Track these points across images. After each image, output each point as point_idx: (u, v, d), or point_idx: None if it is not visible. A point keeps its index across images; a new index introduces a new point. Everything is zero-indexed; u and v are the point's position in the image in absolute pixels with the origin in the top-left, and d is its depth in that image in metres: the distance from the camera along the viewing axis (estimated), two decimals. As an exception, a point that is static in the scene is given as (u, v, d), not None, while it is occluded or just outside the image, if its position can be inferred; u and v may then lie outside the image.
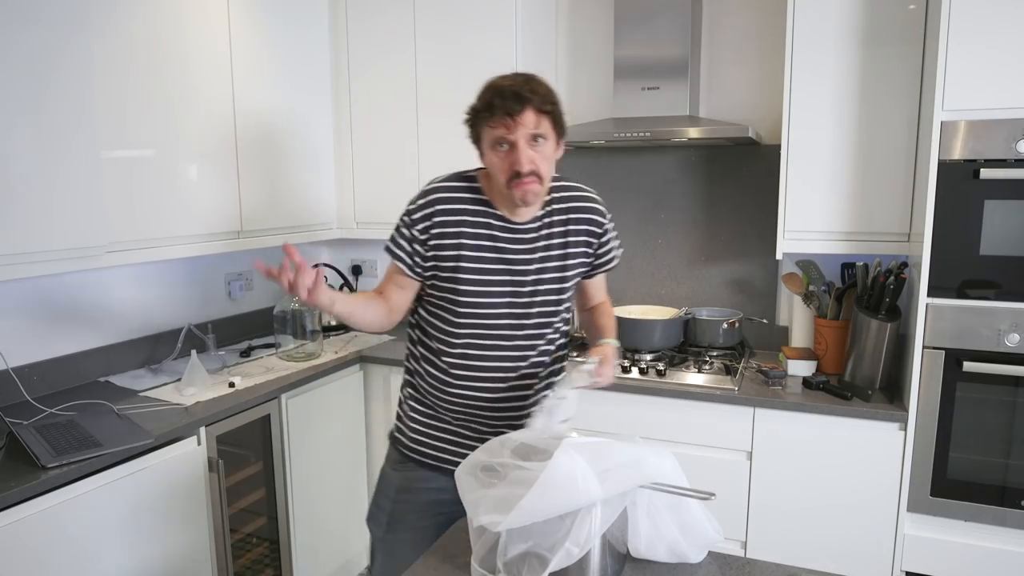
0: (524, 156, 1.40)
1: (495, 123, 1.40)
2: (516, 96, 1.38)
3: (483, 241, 1.51)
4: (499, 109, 1.39)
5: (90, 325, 2.30)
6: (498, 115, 1.39)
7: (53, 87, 1.78)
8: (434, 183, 1.55)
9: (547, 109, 1.41)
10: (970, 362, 1.90)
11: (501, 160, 1.43)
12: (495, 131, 1.41)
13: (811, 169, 2.23)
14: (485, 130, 1.44)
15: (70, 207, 1.84)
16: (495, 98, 1.40)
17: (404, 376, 1.70)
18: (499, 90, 1.40)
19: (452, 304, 1.53)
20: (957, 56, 1.84)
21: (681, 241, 2.76)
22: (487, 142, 1.45)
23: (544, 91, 1.42)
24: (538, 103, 1.40)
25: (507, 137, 1.40)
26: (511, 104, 1.38)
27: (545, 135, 1.42)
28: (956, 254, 1.89)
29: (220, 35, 2.32)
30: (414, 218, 1.51)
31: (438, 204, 1.51)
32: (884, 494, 2.04)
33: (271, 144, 2.57)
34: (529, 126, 1.40)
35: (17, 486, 1.53)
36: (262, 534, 2.32)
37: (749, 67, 2.58)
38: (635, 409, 2.27)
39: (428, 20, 2.66)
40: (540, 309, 1.56)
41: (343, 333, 2.97)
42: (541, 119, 1.41)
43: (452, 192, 1.53)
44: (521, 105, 1.38)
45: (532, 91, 1.39)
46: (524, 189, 1.42)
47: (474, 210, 1.52)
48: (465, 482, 1.11)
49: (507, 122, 1.39)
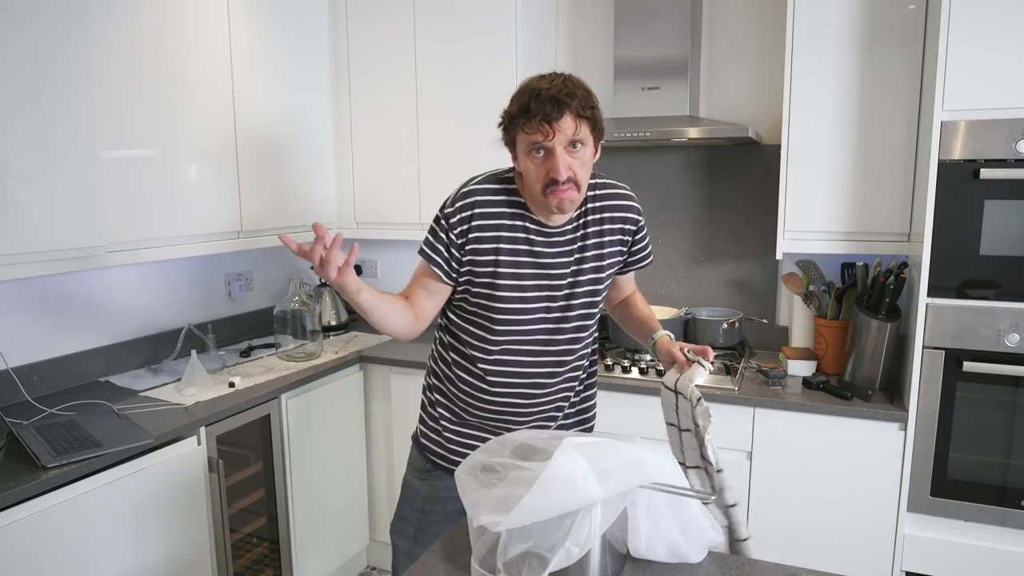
0: (562, 163, 1.34)
1: (531, 128, 1.34)
2: (554, 101, 1.32)
3: (520, 245, 1.46)
4: (536, 114, 1.32)
5: (90, 325, 2.30)
6: (535, 120, 1.33)
7: (53, 87, 1.78)
8: (471, 184, 1.48)
9: (587, 114, 1.35)
10: (970, 362, 1.90)
11: (537, 166, 1.37)
12: (531, 137, 1.35)
13: (811, 169, 2.23)
14: (520, 135, 1.37)
15: (70, 207, 1.84)
16: (532, 102, 1.33)
17: (430, 379, 1.65)
18: (536, 93, 1.33)
19: (488, 311, 1.49)
20: (957, 56, 1.84)
21: (681, 241, 2.76)
22: (523, 147, 1.38)
23: (583, 94, 1.36)
24: (577, 107, 1.34)
25: (544, 143, 1.34)
26: (549, 109, 1.32)
27: (584, 140, 1.36)
28: (956, 254, 1.89)
29: (220, 35, 2.32)
30: (451, 221, 1.44)
31: (477, 207, 1.45)
32: (884, 494, 2.04)
33: (271, 144, 2.57)
34: (567, 132, 1.34)
35: (17, 486, 1.53)
36: (262, 534, 2.32)
37: (749, 67, 2.58)
38: (635, 409, 2.27)
39: (428, 20, 2.66)
40: (578, 312, 1.52)
41: (343, 333, 2.97)
42: (580, 124, 1.35)
43: (490, 195, 1.46)
44: (560, 111, 1.32)
45: (570, 95, 1.33)
46: (560, 197, 1.37)
47: (511, 213, 1.46)
48: (465, 482, 1.11)
49: (544, 128, 1.33)
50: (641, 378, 2.31)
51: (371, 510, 2.79)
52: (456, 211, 1.45)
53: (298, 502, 2.39)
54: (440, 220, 1.46)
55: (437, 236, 1.47)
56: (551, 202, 1.38)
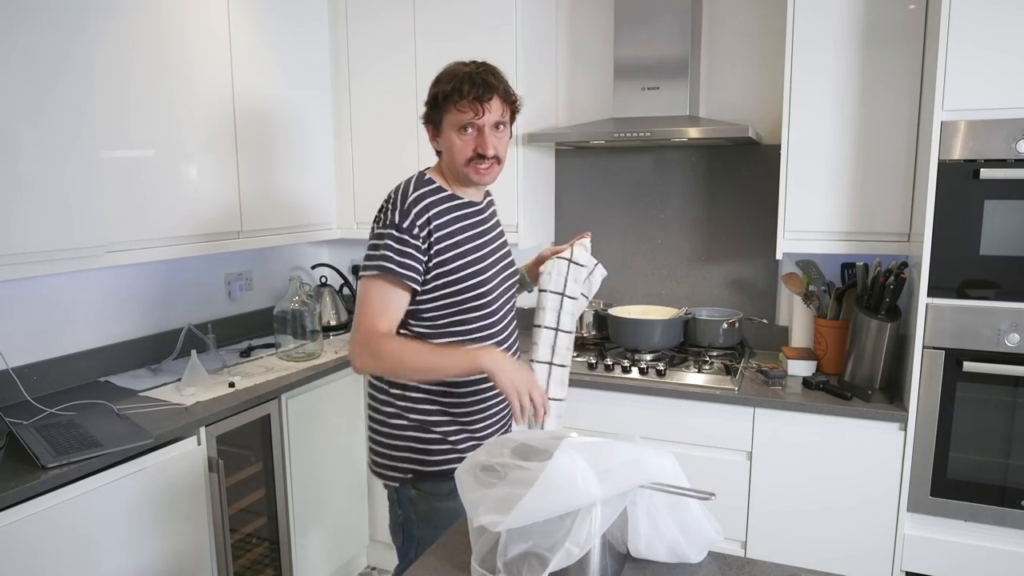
0: (490, 141, 1.49)
1: (464, 107, 1.46)
2: (485, 84, 1.46)
3: (470, 232, 1.56)
4: (468, 94, 1.45)
5: (90, 325, 2.30)
6: (468, 99, 1.45)
7: (53, 87, 1.78)
8: (410, 193, 1.51)
9: (510, 100, 1.52)
10: (970, 362, 1.90)
11: (464, 143, 1.50)
12: (463, 115, 1.47)
13: (811, 169, 2.23)
14: (452, 113, 1.49)
15: (70, 207, 1.84)
16: (465, 83, 1.45)
17: (403, 406, 1.57)
18: (468, 75, 1.46)
19: (473, 301, 1.54)
20: (957, 56, 1.84)
21: (681, 241, 2.76)
22: (452, 124, 1.50)
23: (506, 82, 1.52)
24: (503, 93, 1.50)
25: (475, 122, 1.48)
26: (481, 91, 1.45)
27: (506, 123, 1.53)
28: (956, 254, 1.89)
29: (220, 35, 2.32)
30: (413, 231, 1.47)
31: (432, 208, 1.51)
32: (884, 494, 2.04)
33: (271, 144, 2.57)
34: (496, 113, 1.49)
35: (17, 486, 1.53)
36: (262, 534, 2.32)
37: (749, 67, 2.58)
38: (635, 409, 2.27)
39: (428, 20, 2.66)
40: (511, 269, 1.70)
41: (343, 333, 2.97)
42: (505, 108, 1.51)
43: (431, 196, 1.53)
44: (490, 93, 1.47)
45: (498, 80, 1.49)
46: (486, 171, 1.52)
47: (451, 206, 1.55)
48: (465, 482, 1.11)
49: (476, 107, 1.46)
50: (641, 378, 2.31)
51: (371, 510, 2.79)
52: (415, 216, 1.48)
53: (298, 502, 2.39)
54: (394, 233, 1.47)
55: (397, 249, 1.47)
56: (473, 175, 1.52)
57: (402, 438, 1.59)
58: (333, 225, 2.95)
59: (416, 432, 1.58)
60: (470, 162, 1.51)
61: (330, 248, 3.32)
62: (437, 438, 1.58)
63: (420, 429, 1.58)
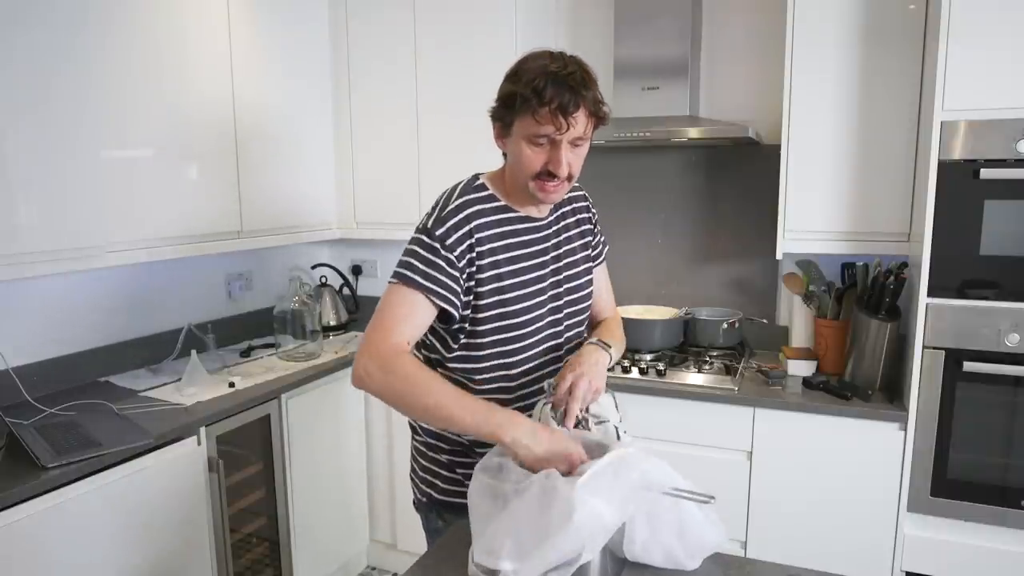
0: (565, 158, 1.24)
1: (543, 118, 1.21)
2: (573, 92, 1.20)
3: (515, 252, 1.35)
4: (552, 101, 1.19)
5: (90, 325, 2.30)
6: (550, 108, 1.19)
7: (53, 87, 1.78)
8: (453, 199, 1.31)
9: (599, 112, 1.26)
10: (970, 362, 1.90)
11: (534, 154, 1.25)
12: (540, 127, 1.22)
13: (811, 169, 2.23)
14: (526, 120, 1.23)
15: (70, 207, 1.84)
16: (548, 88, 1.19)
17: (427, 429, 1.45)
18: (553, 78, 1.19)
19: (495, 335, 1.35)
20: (957, 56, 1.84)
21: (681, 241, 2.75)
22: (523, 131, 1.24)
23: (596, 89, 1.25)
24: (590, 105, 1.23)
25: (553, 136, 1.23)
26: (567, 99, 1.19)
27: (587, 137, 1.27)
28: (956, 254, 1.89)
29: (221, 35, 2.32)
30: (447, 242, 1.26)
31: (475, 219, 1.30)
32: (884, 494, 2.04)
33: (271, 144, 2.57)
34: (579, 128, 1.23)
35: (17, 486, 1.53)
36: (262, 534, 2.32)
37: (749, 67, 2.58)
38: (635, 409, 2.27)
39: (428, 20, 2.66)
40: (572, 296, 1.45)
41: (343, 333, 2.97)
42: (590, 122, 1.26)
43: (478, 204, 1.32)
44: (576, 105, 1.20)
45: (588, 87, 1.22)
46: (553, 189, 1.28)
47: (500, 220, 1.34)
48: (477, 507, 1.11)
49: (558, 121, 1.20)
50: (641, 378, 2.31)
51: (371, 510, 2.79)
52: (454, 226, 1.28)
53: (298, 502, 2.39)
54: (428, 242, 1.27)
55: (431, 262, 1.26)
56: (538, 193, 1.29)
57: (424, 457, 1.50)
58: (333, 225, 2.95)
59: (433, 455, 1.48)
60: (537, 177, 1.26)
61: (330, 248, 3.32)
62: (446, 463, 1.46)
63: (433, 451, 1.48)
